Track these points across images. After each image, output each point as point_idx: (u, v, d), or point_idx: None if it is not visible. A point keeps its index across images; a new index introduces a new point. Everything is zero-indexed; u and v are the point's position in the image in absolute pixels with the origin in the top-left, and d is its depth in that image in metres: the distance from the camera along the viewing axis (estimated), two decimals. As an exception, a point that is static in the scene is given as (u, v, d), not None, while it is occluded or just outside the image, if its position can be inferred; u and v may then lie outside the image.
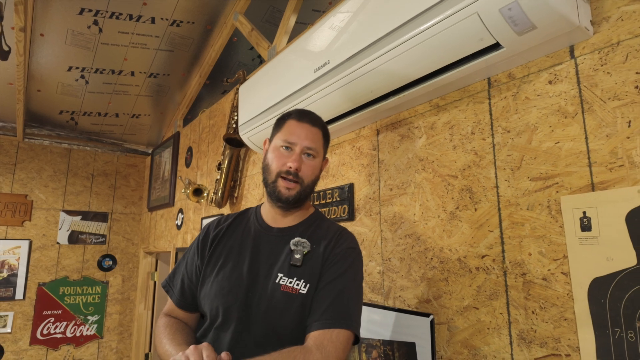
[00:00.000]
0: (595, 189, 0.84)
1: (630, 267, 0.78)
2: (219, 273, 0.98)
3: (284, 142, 1.00)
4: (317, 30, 1.34)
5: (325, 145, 1.06)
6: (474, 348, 1.03)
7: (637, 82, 0.81)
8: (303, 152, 0.99)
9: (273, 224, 1.04)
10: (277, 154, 1.00)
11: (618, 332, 0.79)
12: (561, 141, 0.91)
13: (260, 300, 0.92)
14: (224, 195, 2.29)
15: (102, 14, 2.40)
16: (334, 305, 0.89)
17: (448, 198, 1.14)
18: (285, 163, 0.98)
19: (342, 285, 0.92)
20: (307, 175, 0.99)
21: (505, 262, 0.98)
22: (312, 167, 1.00)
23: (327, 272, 0.93)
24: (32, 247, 3.44)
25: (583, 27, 0.86)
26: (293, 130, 1.00)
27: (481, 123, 1.08)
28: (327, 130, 1.08)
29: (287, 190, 0.97)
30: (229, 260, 1.00)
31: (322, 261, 0.95)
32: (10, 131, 3.44)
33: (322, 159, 1.06)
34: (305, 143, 0.99)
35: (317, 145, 1.01)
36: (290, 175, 0.97)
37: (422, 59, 1.02)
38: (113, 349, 3.69)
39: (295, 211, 1.04)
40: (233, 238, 1.04)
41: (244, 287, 0.94)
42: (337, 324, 0.86)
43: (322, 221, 1.06)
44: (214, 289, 0.96)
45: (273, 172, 0.99)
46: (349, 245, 0.99)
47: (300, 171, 0.98)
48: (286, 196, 0.98)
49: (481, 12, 0.85)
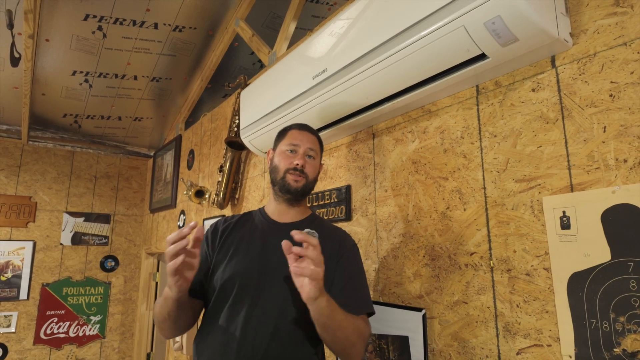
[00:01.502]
0: (574, 190, 0.91)
1: (605, 262, 0.84)
2: (232, 259, 1.08)
3: (289, 146, 1.17)
4: (315, 39, 1.40)
5: (321, 151, 1.23)
6: (463, 340, 1.09)
7: (612, 91, 0.87)
8: (306, 153, 1.16)
9: (279, 219, 1.17)
10: (284, 156, 1.16)
11: (594, 322, 0.85)
12: (543, 145, 0.97)
13: (274, 282, 1.03)
14: (226, 196, 2.35)
15: (106, 19, 2.47)
16: (361, 296, 1.07)
17: (439, 199, 1.20)
18: (292, 162, 1.14)
19: (360, 278, 1.11)
20: (310, 172, 1.15)
21: (492, 259, 1.05)
22: (313, 165, 1.17)
23: (347, 268, 1.09)
24: (36, 248, 3.50)
25: (562, 39, 0.92)
26: (296, 137, 1.18)
27: (470, 128, 1.15)
28: (321, 139, 1.25)
29: (295, 182, 1.13)
30: (240, 249, 1.10)
31: (335, 255, 1.09)
32: (15, 134, 3.50)
33: (319, 162, 1.21)
34: (308, 145, 1.17)
35: (316, 148, 1.19)
36: (297, 170, 1.13)
37: (414, 67, 1.08)
38: (115, 348, 3.75)
39: (297, 206, 1.17)
40: (242, 231, 1.15)
41: (256, 271, 1.05)
42: (364, 310, 1.06)
43: (321, 221, 1.21)
44: (227, 272, 1.06)
45: (281, 170, 1.14)
46: (353, 243, 1.17)
47: (305, 168, 1.14)
48: (295, 187, 1.13)
49: (467, 26, 0.92)
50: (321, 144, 1.24)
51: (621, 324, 0.81)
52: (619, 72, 0.86)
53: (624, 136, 0.84)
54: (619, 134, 0.85)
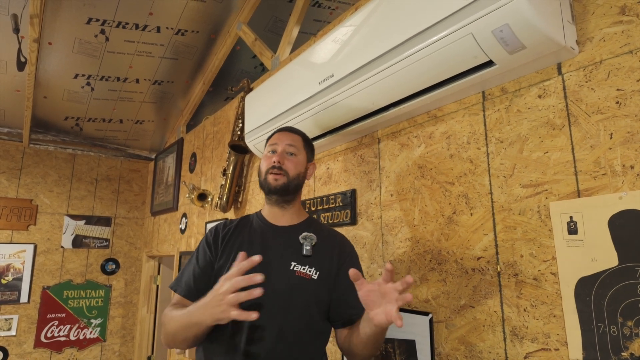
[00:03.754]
0: (581, 196, 0.92)
1: (613, 267, 0.85)
2: (235, 261, 1.07)
3: (270, 148, 1.19)
4: (321, 45, 1.41)
5: (306, 148, 1.22)
6: (470, 344, 1.10)
7: (618, 98, 0.88)
8: (285, 150, 1.17)
9: (275, 222, 1.17)
10: (265, 158, 1.18)
11: (602, 327, 0.86)
12: (550, 151, 0.98)
13: (277, 284, 1.03)
14: (229, 200, 2.35)
15: (109, 23, 2.47)
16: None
17: (445, 203, 1.21)
18: (270, 161, 1.15)
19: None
20: (290, 168, 1.14)
21: (499, 263, 1.06)
22: (294, 162, 1.16)
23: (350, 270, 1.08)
24: (37, 251, 3.50)
25: (569, 46, 0.94)
26: (277, 138, 1.20)
27: (476, 133, 1.16)
28: (307, 137, 1.25)
29: (275, 181, 1.13)
30: (242, 250, 1.09)
31: (335, 258, 1.11)
32: (16, 137, 3.50)
33: (306, 159, 1.20)
34: (286, 142, 1.17)
35: (297, 145, 1.19)
36: (275, 168, 1.13)
37: (422, 73, 1.09)
38: (116, 352, 3.74)
39: (289, 208, 1.18)
40: (242, 235, 1.16)
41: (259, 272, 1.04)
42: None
43: (318, 224, 1.23)
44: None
45: (263, 172, 1.16)
46: (351, 247, 1.20)
47: (284, 165, 1.14)
48: (274, 185, 1.13)
49: (475, 33, 0.93)
50: (306, 141, 1.23)
51: (629, 329, 0.82)
52: (625, 79, 0.88)
53: (631, 143, 0.85)
54: (625, 140, 0.86)
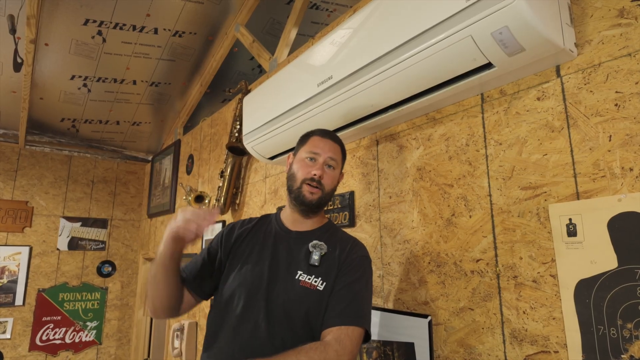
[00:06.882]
0: (580, 198, 0.92)
1: (612, 269, 0.85)
2: (242, 267, 1.08)
3: (308, 154, 1.12)
4: (320, 46, 1.41)
5: (343, 160, 1.18)
6: (470, 347, 1.09)
7: (617, 101, 0.89)
8: (326, 162, 1.11)
9: (292, 227, 1.14)
10: (303, 164, 1.11)
11: (601, 329, 0.86)
12: (549, 153, 0.98)
13: (280, 293, 1.01)
14: (227, 202, 2.34)
15: (106, 24, 2.46)
16: (351, 306, 0.98)
17: (444, 205, 1.21)
18: (310, 171, 1.09)
19: (357, 289, 1.02)
20: (328, 183, 1.11)
21: (498, 265, 1.05)
22: (332, 177, 1.12)
23: (344, 275, 1.03)
24: (32, 253, 3.47)
25: (568, 49, 0.94)
26: (317, 144, 1.13)
27: (475, 135, 1.16)
28: (344, 148, 1.20)
29: (311, 195, 1.08)
30: (251, 257, 1.09)
31: (338, 264, 1.05)
32: (11, 138, 3.47)
33: (340, 172, 1.17)
34: (328, 154, 1.12)
35: (337, 158, 1.14)
36: (314, 182, 1.08)
37: (420, 76, 1.09)
38: (112, 355, 3.71)
39: (313, 216, 1.14)
40: (256, 237, 1.14)
41: (265, 281, 1.03)
42: (353, 322, 0.96)
43: (335, 230, 1.17)
44: (237, 280, 1.05)
45: (298, 180, 1.10)
46: (363, 254, 1.10)
47: (323, 179, 1.09)
48: (309, 200, 1.08)
49: (474, 35, 0.93)
50: (344, 153, 1.19)
51: (629, 331, 0.82)
52: (624, 82, 0.88)
53: (630, 145, 0.86)
54: (624, 142, 0.86)
